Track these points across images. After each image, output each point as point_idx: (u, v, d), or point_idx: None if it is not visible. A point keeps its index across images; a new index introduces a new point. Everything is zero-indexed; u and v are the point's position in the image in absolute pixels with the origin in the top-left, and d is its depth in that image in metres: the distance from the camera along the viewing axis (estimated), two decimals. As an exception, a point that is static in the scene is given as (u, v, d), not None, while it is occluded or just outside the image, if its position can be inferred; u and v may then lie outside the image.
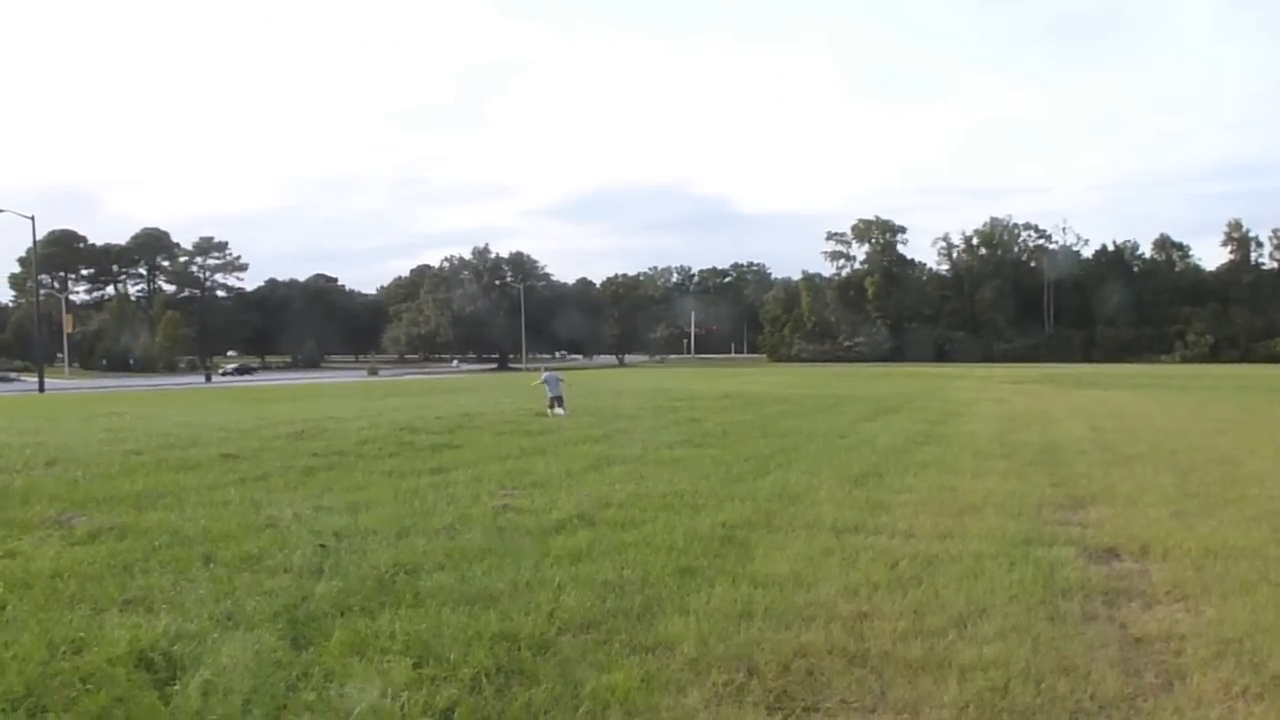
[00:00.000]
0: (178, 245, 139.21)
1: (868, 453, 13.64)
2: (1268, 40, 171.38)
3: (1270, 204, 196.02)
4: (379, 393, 39.18)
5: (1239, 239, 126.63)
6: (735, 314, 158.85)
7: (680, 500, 9.25)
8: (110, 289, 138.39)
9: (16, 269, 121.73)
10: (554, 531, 7.68)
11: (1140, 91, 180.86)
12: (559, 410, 21.11)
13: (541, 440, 15.44)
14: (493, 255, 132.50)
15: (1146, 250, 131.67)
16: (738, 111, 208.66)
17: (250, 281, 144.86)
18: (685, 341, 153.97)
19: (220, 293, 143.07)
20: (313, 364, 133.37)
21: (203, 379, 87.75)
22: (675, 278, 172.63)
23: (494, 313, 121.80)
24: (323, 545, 7.04)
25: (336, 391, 42.48)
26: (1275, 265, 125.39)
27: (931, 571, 6.45)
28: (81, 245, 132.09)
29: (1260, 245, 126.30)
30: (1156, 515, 8.63)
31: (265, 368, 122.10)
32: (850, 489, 10.04)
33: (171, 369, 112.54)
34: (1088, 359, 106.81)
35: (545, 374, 23.02)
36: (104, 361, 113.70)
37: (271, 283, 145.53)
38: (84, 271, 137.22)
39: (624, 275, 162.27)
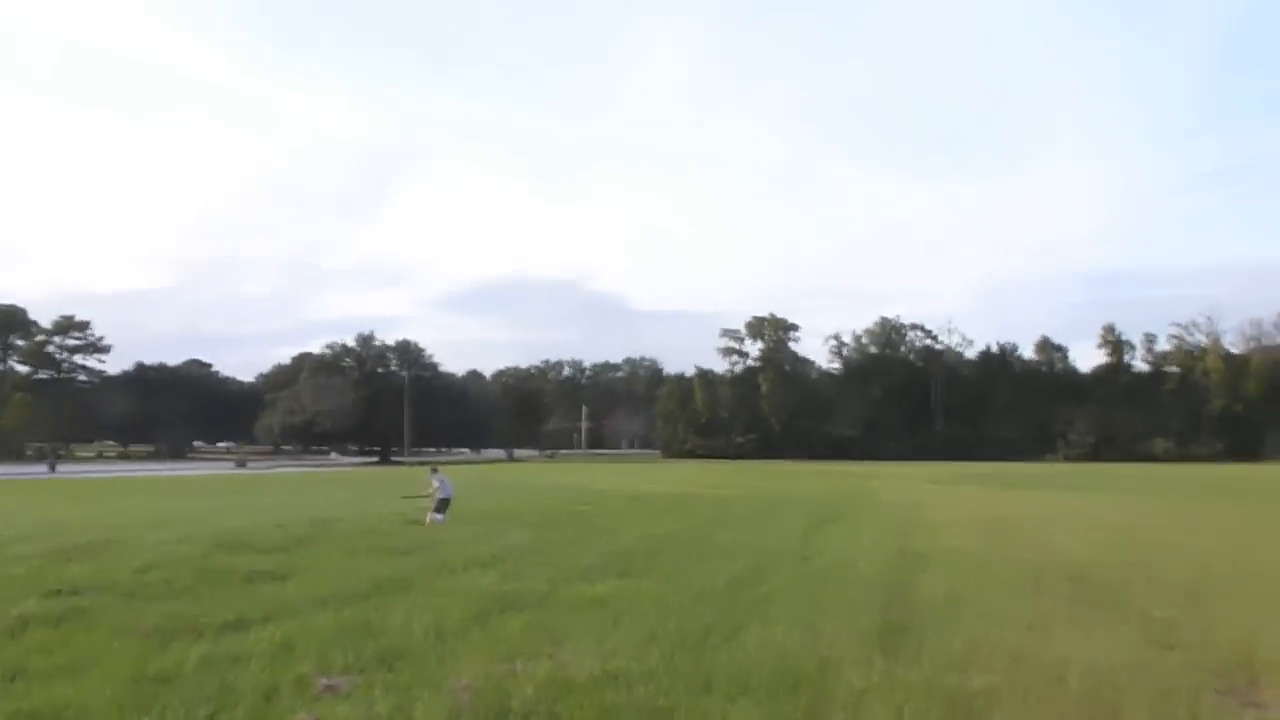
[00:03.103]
0: (35, 323, 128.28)
1: (858, 586, 9.99)
2: (1121, 160, 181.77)
3: (1137, 311, 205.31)
4: (227, 489, 33.92)
5: (1113, 342, 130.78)
6: (628, 409, 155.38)
7: (626, 695, 5.44)
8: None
9: None
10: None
11: (1012, 201, 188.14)
12: (438, 516, 17.00)
13: (408, 564, 11.36)
14: (378, 343, 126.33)
15: (1027, 351, 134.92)
16: (630, 213, 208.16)
17: (119, 365, 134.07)
18: (576, 436, 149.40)
19: (81, 376, 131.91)
20: (178, 455, 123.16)
21: (46, 468, 78.67)
22: (567, 371, 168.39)
23: (377, 403, 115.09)
24: None
25: (177, 487, 36.63)
26: (1147, 368, 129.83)
27: None
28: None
29: (1133, 348, 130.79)
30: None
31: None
32: (884, 661, 6.40)
33: (17, 456, 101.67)
34: (976, 457, 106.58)
35: (441, 477, 18.09)
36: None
37: (139, 366, 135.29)
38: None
39: (515, 368, 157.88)
